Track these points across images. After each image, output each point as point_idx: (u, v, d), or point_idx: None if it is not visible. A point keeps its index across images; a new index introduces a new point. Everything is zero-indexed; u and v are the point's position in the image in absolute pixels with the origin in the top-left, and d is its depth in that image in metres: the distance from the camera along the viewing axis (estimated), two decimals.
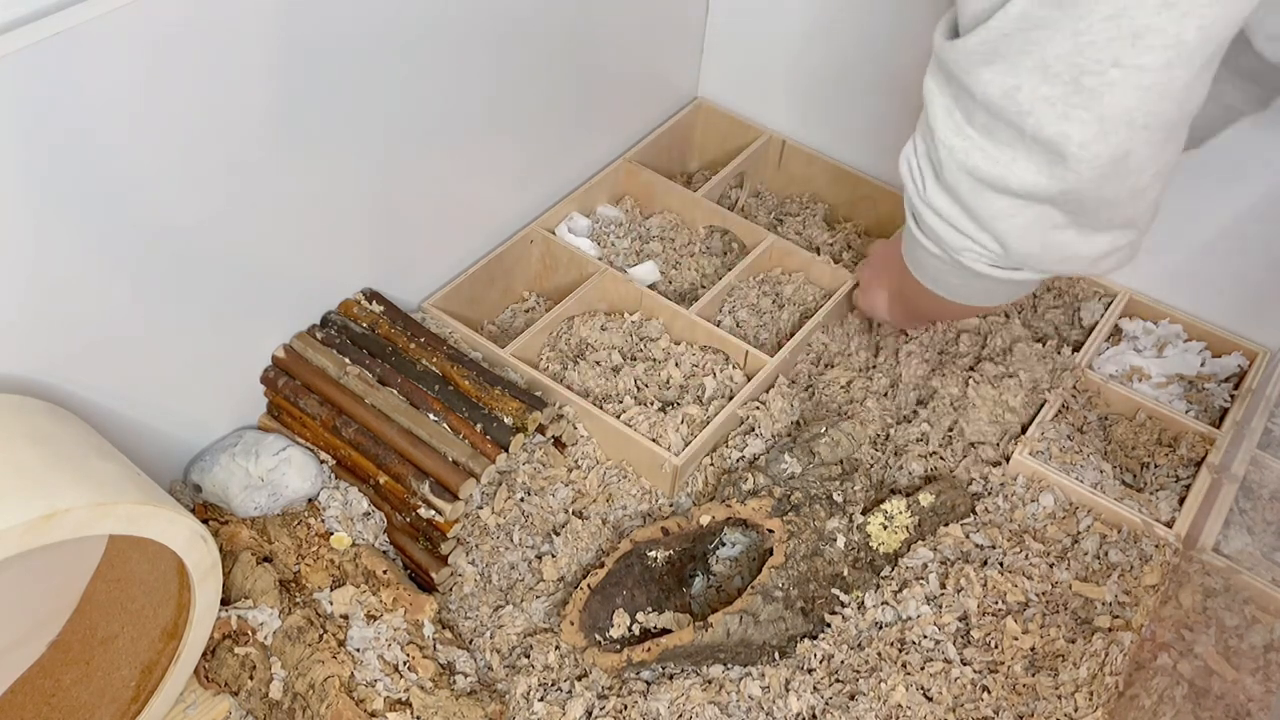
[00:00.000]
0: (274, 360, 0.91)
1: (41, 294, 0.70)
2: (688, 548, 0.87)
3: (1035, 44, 0.57)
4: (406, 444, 0.85)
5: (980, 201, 0.65)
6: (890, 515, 0.87)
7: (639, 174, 1.17)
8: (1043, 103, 0.58)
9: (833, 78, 1.14)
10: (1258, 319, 1.01)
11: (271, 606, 0.80)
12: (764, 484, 0.87)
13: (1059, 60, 0.57)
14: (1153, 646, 0.81)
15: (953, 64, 0.62)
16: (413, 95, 0.88)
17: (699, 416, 0.95)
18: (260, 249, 0.83)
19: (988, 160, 0.63)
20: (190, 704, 0.79)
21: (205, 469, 0.87)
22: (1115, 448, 0.95)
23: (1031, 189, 0.62)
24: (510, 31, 0.94)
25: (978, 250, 0.70)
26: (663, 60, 1.18)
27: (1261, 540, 0.86)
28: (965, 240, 0.69)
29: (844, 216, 1.21)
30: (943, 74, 0.64)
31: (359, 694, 0.76)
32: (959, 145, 0.64)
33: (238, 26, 0.71)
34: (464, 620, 0.87)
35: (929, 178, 0.69)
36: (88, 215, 0.69)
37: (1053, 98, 0.58)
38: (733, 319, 1.06)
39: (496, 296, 1.09)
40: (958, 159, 0.64)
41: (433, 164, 0.95)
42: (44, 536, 0.59)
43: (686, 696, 0.80)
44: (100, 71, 0.64)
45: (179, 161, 0.73)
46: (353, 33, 0.79)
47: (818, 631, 0.84)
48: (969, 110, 0.62)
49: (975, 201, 0.65)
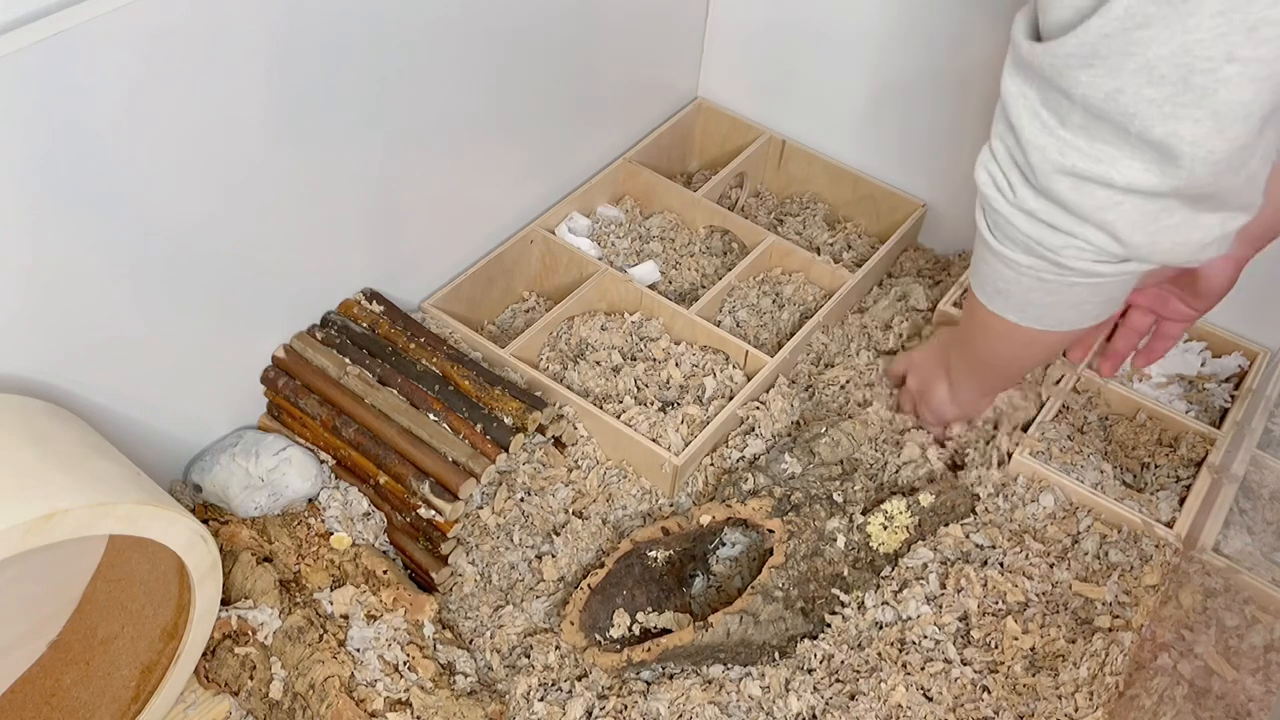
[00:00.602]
0: (274, 360, 0.91)
1: (42, 294, 0.70)
2: (688, 548, 0.87)
3: (1139, 45, 0.55)
4: (406, 444, 0.85)
5: (1081, 197, 0.62)
6: (890, 515, 0.87)
7: (639, 174, 1.17)
8: (1148, 104, 0.56)
9: (833, 78, 1.14)
10: (1258, 319, 1.01)
11: (271, 606, 0.80)
12: (764, 484, 0.87)
13: (1164, 61, 0.54)
14: (1153, 646, 0.81)
15: (1044, 66, 0.59)
16: (413, 95, 0.88)
17: (699, 416, 0.95)
18: (260, 249, 0.83)
19: (1087, 160, 0.60)
20: (190, 704, 0.79)
21: (205, 469, 0.87)
22: (1115, 448, 0.95)
23: (1140, 186, 0.60)
24: (511, 31, 0.94)
25: (1080, 246, 0.65)
26: (663, 60, 1.18)
27: (1261, 540, 0.86)
28: (1066, 238, 0.65)
29: (844, 216, 1.21)
30: (1026, 75, 0.61)
31: (359, 694, 0.76)
32: (1051, 146, 0.61)
33: (238, 27, 0.71)
34: (464, 620, 0.87)
35: (1017, 182, 0.65)
36: (88, 215, 0.69)
37: (1159, 99, 0.56)
38: (733, 319, 1.06)
39: (496, 296, 1.09)
40: (1052, 160, 0.61)
41: (433, 164, 0.95)
42: (44, 536, 0.59)
43: (686, 696, 0.80)
44: (100, 72, 0.64)
45: (179, 161, 0.73)
46: (353, 33, 0.79)
47: (818, 631, 0.84)
48: (1062, 111, 0.60)
49: (1076, 198, 0.62)
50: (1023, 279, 0.70)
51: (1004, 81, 0.63)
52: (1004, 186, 0.66)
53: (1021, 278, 0.70)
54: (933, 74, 1.06)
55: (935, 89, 1.07)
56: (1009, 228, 0.67)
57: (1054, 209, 0.64)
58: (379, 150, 0.88)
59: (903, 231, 1.12)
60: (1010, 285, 0.72)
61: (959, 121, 1.08)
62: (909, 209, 1.14)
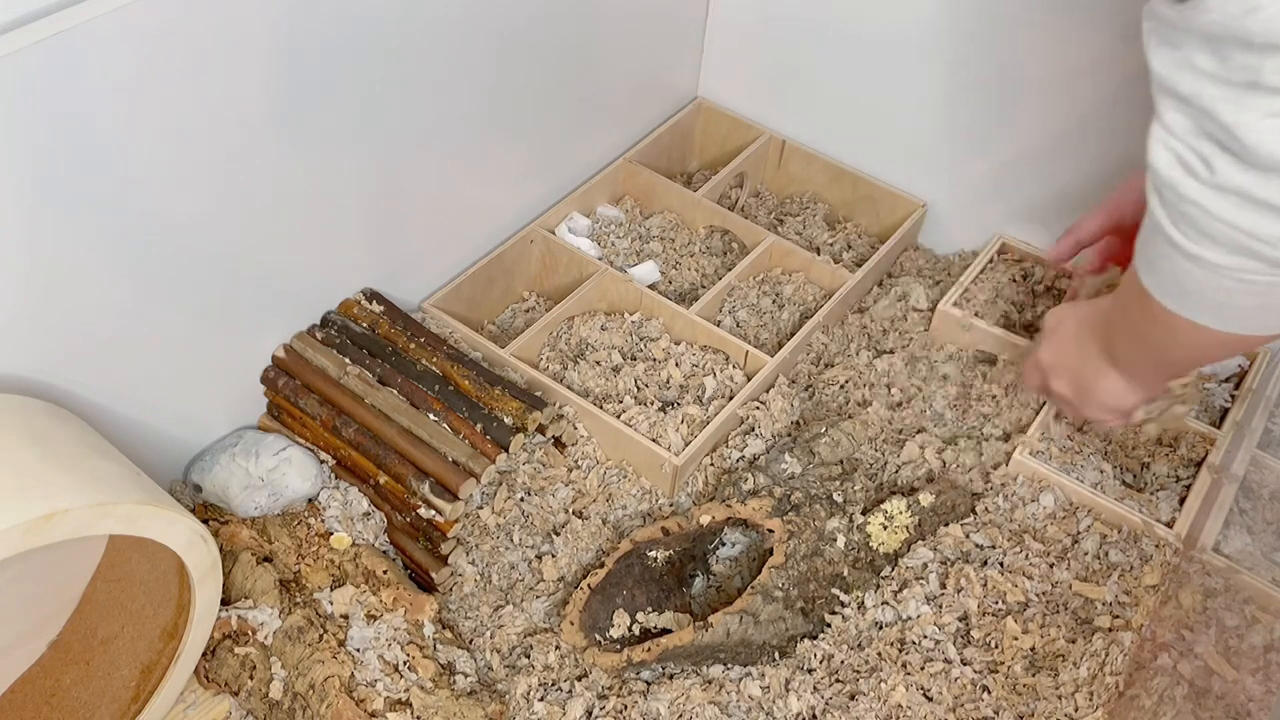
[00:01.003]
0: (274, 360, 0.91)
1: (42, 294, 0.70)
2: (688, 548, 0.87)
3: None
4: (406, 444, 0.85)
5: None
6: (890, 515, 0.87)
7: (639, 174, 1.17)
8: None
9: (833, 78, 1.14)
10: None
11: (271, 606, 0.80)
12: (764, 484, 0.87)
13: None
14: (1153, 646, 0.80)
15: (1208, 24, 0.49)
16: (413, 95, 0.88)
17: (699, 416, 0.95)
18: (260, 249, 0.83)
19: None
20: (190, 704, 0.79)
21: (205, 469, 0.87)
22: (1115, 448, 0.95)
23: None
24: (511, 31, 0.94)
25: None
26: (663, 60, 1.18)
27: (1261, 540, 0.86)
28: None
29: (844, 216, 1.21)
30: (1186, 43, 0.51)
31: (359, 694, 0.76)
32: (1245, 97, 0.49)
33: (238, 27, 0.71)
34: (464, 620, 0.87)
35: (1218, 157, 0.51)
36: (88, 215, 0.69)
37: None
38: (733, 319, 1.06)
39: (496, 296, 1.09)
40: (1254, 106, 0.49)
41: (433, 164, 0.95)
42: (44, 536, 0.59)
43: (686, 696, 0.80)
44: (100, 72, 0.64)
45: (179, 161, 0.73)
46: (353, 33, 0.79)
47: (818, 631, 0.84)
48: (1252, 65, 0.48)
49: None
50: (1221, 281, 0.56)
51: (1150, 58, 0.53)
52: (1194, 164, 0.53)
53: (1220, 279, 0.56)
54: (933, 74, 1.06)
55: (935, 89, 1.07)
56: (1205, 218, 0.53)
57: (1269, 178, 0.50)
58: (379, 150, 0.88)
59: (903, 231, 1.12)
60: (1204, 287, 0.57)
61: (959, 121, 1.08)
62: (909, 209, 1.14)
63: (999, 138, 1.06)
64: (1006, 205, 1.10)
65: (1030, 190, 1.07)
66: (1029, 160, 1.06)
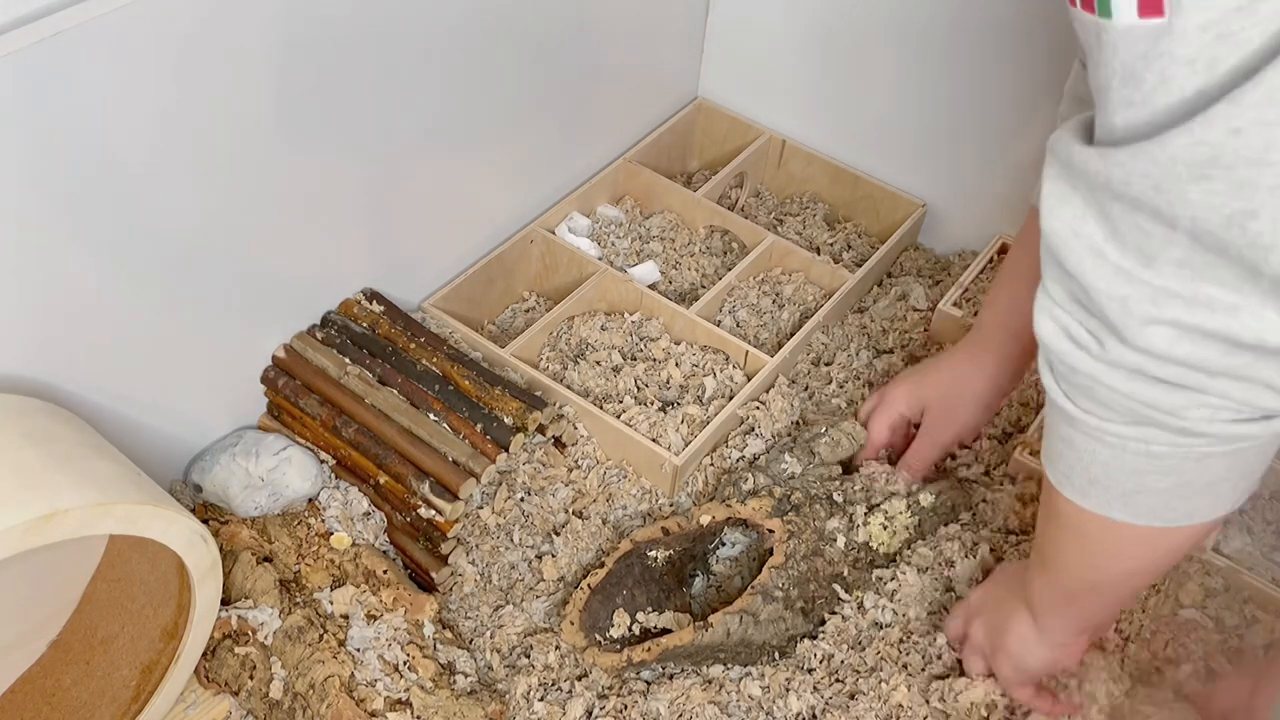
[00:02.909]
0: (274, 360, 0.91)
1: (42, 294, 0.70)
2: (688, 548, 0.87)
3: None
4: (406, 444, 0.85)
5: (1197, 350, 0.45)
6: (890, 515, 0.87)
7: (639, 174, 1.17)
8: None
9: (833, 78, 1.14)
10: None
11: (271, 606, 0.80)
12: (764, 484, 0.87)
13: None
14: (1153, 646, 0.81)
15: (1122, 181, 0.43)
16: (413, 95, 0.88)
17: (699, 416, 0.95)
18: (260, 249, 0.83)
19: (1194, 311, 0.44)
20: (190, 704, 0.79)
21: (205, 469, 0.87)
22: None
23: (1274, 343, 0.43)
24: (510, 32, 0.94)
25: (1214, 404, 0.47)
26: (663, 60, 1.18)
27: (1261, 540, 0.86)
28: (1190, 395, 0.47)
29: (844, 216, 1.21)
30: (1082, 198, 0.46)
31: (359, 694, 0.76)
32: (1133, 295, 0.45)
33: (239, 27, 0.71)
34: (464, 620, 0.87)
35: (1105, 336, 0.47)
36: (88, 215, 0.69)
37: None
38: (733, 319, 1.06)
39: (496, 296, 1.09)
40: (1138, 312, 0.45)
41: (433, 164, 0.95)
42: (44, 536, 0.59)
43: (686, 696, 0.80)
44: (100, 72, 0.64)
45: (179, 161, 0.73)
46: (353, 33, 0.79)
47: (818, 631, 0.84)
48: (1151, 245, 0.44)
49: (1190, 351, 0.45)
50: (1126, 459, 0.52)
51: (1044, 215, 0.47)
52: (1084, 338, 0.49)
53: (1124, 456, 0.52)
54: (934, 74, 1.06)
55: (935, 88, 1.07)
56: (1100, 389, 0.49)
57: (1162, 364, 0.46)
58: (379, 150, 0.88)
59: (903, 231, 1.12)
60: (1109, 470, 0.53)
61: (959, 121, 1.08)
62: (909, 209, 1.14)
63: (999, 138, 1.06)
64: (1006, 205, 1.09)
65: (1030, 190, 1.07)
66: (1029, 160, 1.06)
